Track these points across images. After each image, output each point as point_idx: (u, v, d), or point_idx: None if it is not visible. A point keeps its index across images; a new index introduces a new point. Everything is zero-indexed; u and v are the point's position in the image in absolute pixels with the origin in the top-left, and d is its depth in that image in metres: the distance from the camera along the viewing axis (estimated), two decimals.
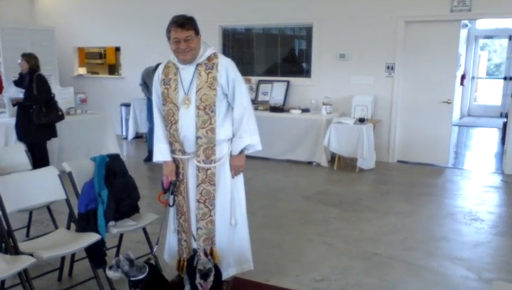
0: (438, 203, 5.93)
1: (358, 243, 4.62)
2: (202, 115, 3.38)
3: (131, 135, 10.16)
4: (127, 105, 10.29)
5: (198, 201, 3.51)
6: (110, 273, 3.14)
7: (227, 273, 3.56)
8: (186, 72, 3.43)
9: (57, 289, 3.73)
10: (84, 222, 3.69)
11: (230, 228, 3.58)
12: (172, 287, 3.52)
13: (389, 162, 8.01)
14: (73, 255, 3.82)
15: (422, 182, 6.84)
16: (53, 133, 6.63)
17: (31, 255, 3.23)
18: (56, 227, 4.28)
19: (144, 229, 4.01)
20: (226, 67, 3.41)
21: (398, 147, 8.10)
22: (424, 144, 7.87)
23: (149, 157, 8.41)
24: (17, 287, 3.45)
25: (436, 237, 4.78)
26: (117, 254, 4.30)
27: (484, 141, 10.64)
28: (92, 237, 3.53)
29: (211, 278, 3.11)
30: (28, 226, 4.84)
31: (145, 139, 9.72)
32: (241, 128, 3.48)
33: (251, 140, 3.50)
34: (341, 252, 4.41)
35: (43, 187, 3.71)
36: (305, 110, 8.28)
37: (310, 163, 7.93)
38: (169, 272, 3.69)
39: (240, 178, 3.63)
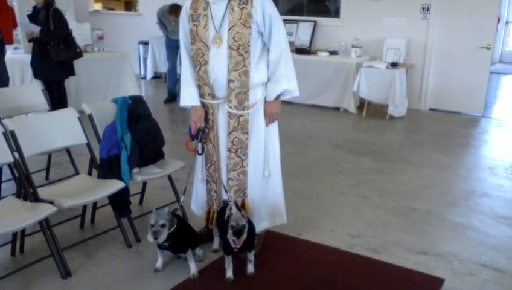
0: (475, 155, 5.61)
1: (395, 197, 4.35)
2: (235, 55, 3.05)
3: (149, 75, 9.84)
4: (145, 43, 9.91)
5: (229, 150, 3.24)
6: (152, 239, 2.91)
7: (259, 227, 3.33)
8: (217, 7, 3.06)
9: (79, 237, 3.54)
10: (107, 168, 3.45)
11: (263, 180, 3.32)
12: (201, 240, 3.30)
13: (420, 110, 7.63)
14: (95, 202, 3.60)
15: (457, 132, 6.48)
16: (71, 71, 6.33)
17: (52, 203, 3.01)
18: (76, 171, 4.06)
19: (170, 177, 3.77)
20: (262, 3, 3.04)
21: (430, 94, 7.69)
22: (458, 92, 7.44)
23: (169, 99, 8.13)
24: (38, 235, 3.27)
25: (476, 192, 4.49)
26: (141, 201, 4.09)
27: None
28: (115, 185, 3.30)
29: (244, 235, 2.87)
30: (48, 169, 4.63)
31: (164, 79, 9.40)
32: (277, 72, 3.15)
33: (288, 85, 3.18)
34: (376, 206, 4.16)
35: (62, 130, 3.45)
36: (333, 53, 7.85)
37: (337, 109, 7.59)
38: (196, 223, 3.46)
39: (275, 126, 3.34)
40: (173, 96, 8.03)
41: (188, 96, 3.23)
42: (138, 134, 3.63)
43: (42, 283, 2.98)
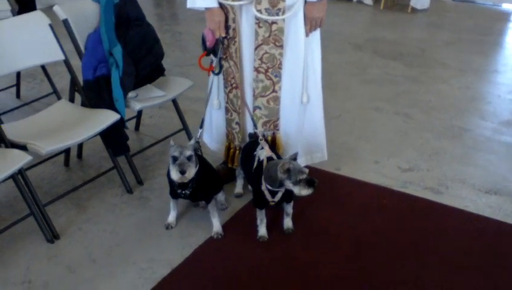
0: None
1: (440, 114, 3.64)
2: None
3: None
4: None
5: (257, 70, 2.44)
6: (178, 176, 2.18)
7: None
8: None
9: (65, 181, 2.82)
10: (94, 93, 2.65)
11: (301, 107, 2.57)
12: (223, 183, 2.60)
13: (444, 1, 6.70)
14: None
15: (493, 28, 5.65)
16: None
17: (25, 147, 2.24)
18: (55, 90, 3.20)
19: (175, 102, 2.97)
20: None
21: None
22: None
23: None
24: (10, 184, 2.53)
25: None
26: (137, 127, 3.33)
27: None
28: (107, 117, 2.52)
29: (317, 181, 2.15)
30: (18, 85, 3.78)
31: None
32: None
33: None
34: (422, 127, 3.46)
35: (31, 44, 2.58)
36: None
37: (349, 0, 6.62)
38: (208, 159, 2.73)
39: (317, 36, 2.53)
40: None
41: None
42: (130, 44, 2.78)
43: (22, 250, 2.29)
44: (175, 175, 2.16)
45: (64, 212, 2.53)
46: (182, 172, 2.14)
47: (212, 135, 2.78)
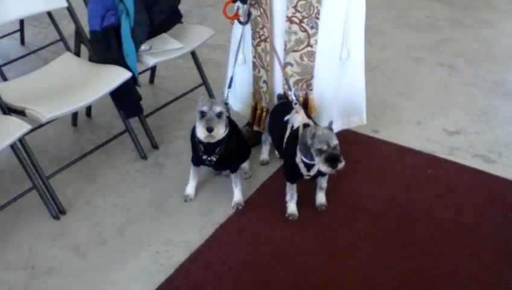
0: None
1: (488, 65, 3.25)
2: None
3: None
4: None
5: (290, 19, 2.09)
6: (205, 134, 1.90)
7: None
8: None
9: (72, 141, 2.55)
10: (102, 47, 2.32)
11: (340, 64, 2.22)
12: (250, 148, 2.32)
13: None
14: None
15: None
16: None
17: (23, 113, 1.96)
18: (61, 37, 2.84)
19: (194, 55, 2.63)
20: None
21: None
22: None
23: None
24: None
25: None
26: (151, 80, 3.02)
27: None
28: (117, 75, 2.21)
29: (343, 162, 1.84)
30: (22, 31, 3.45)
31: None
32: None
33: None
34: (470, 82, 3.08)
35: None
36: None
37: None
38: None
39: None
40: None
41: None
42: None
43: (25, 228, 2.06)
44: (201, 132, 1.87)
45: (71, 181, 2.28)
46: (209, 129, 1.85)
47: (236, 93, 2.46)
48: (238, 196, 2.15)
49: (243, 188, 2.16)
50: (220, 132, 1.89)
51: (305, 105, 2.23)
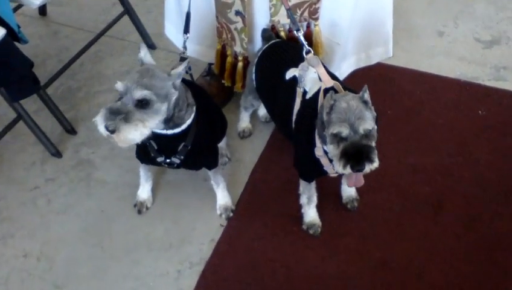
0: None
1: None
2: None
3: None
4: None
5: None
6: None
7: (339, 72, 1.52)
8: None
9: None
10: None
11: None
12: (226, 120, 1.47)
13: None
14: None
15: None
16: None
17: None
18: None
19: None
20: None
21: None
22: None
23: None
24: None
25: None
26: (42, 11, 2.00)
27: None
28: None
29: (376, 162, 1.06)
30: None
31: None
32: None
33: None
34: None
35: None
36: None
37: None
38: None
39: None
40: None
41: None
42: None
43: None
44: (100, 128, 1.04)
45: None
46: (110, 129, 1.03)
47: (196, 35, 1.54)
48: (223, 197, 1.41)
49: (226, 184, 1.39)
50: (129, 137, 1.05)
51: (308, 40, 1.39)
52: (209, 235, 1.35)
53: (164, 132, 1.16)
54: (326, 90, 1.15)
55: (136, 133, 1.05)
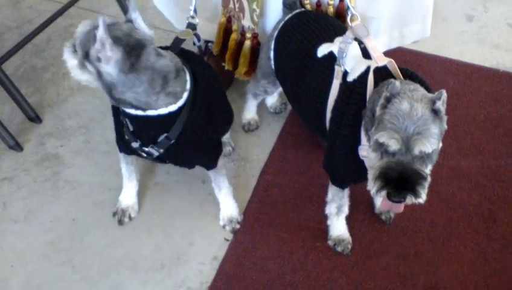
0: None
1: None
2: None
3: None
4: None
5: None
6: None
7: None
8: None
9: None
10: None
11: None
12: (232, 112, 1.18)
13: None
14: None
15: None
16: None
17: None
18: None
19: None
20: None
21: None
22: None
23: None
24: None
25: None
26: None
27: None
28: None
29: (422, 199, 0.81)
30: None
31: None
32: None
33: None
34: None
35: None
36: None
37: None
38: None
39: None
40: None
41: None
42: None
43: None
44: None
45: None
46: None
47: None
48: (227, 205, 1.13)
49: (232, 189, 1.11)
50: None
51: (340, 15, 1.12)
52: (210, 252, 1.07)
53: (134, 111, 0.91)
54: (378, 71, 0.88)
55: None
